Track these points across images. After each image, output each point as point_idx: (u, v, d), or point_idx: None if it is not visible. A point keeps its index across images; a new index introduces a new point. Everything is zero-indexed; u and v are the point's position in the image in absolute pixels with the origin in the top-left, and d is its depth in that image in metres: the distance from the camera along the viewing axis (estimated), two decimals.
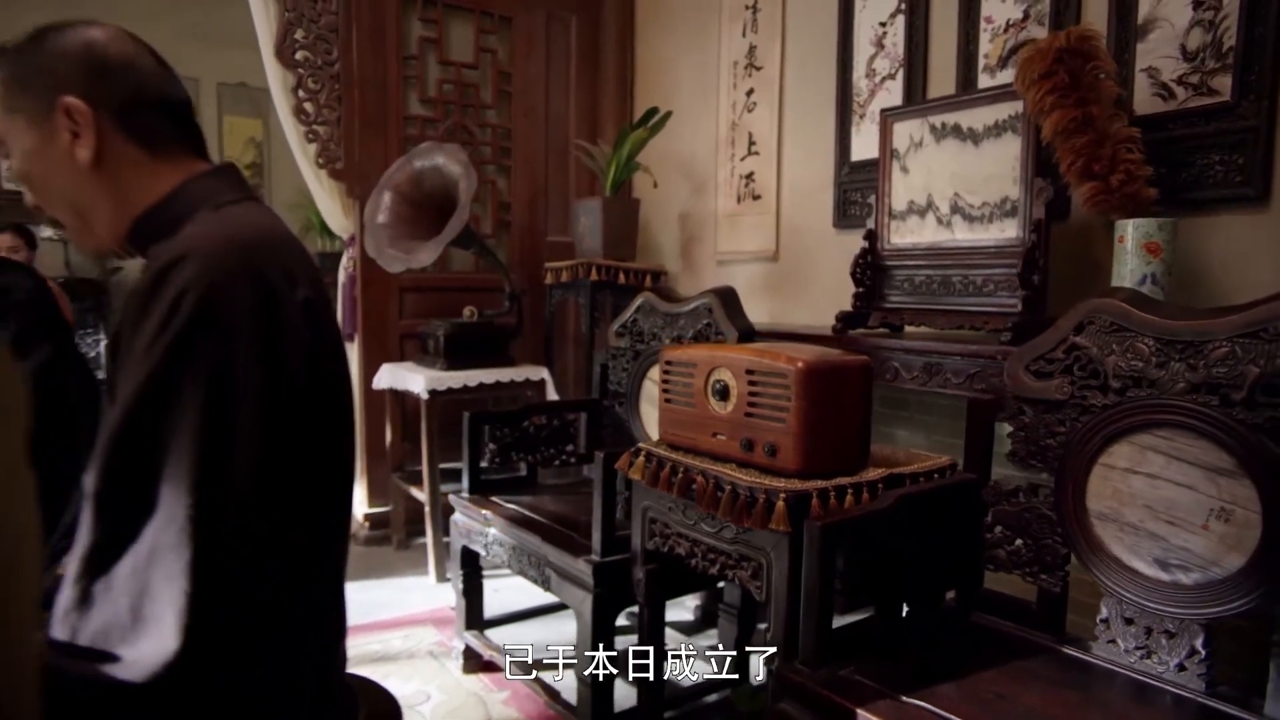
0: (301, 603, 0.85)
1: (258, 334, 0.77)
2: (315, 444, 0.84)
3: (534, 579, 1.84)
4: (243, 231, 0.83)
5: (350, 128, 3.05)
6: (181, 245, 0.78)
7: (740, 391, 1.40)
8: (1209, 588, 1.10)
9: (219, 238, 0.80)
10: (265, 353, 0.78)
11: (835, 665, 1.15)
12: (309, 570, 0.86)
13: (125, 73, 0.88)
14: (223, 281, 0.76)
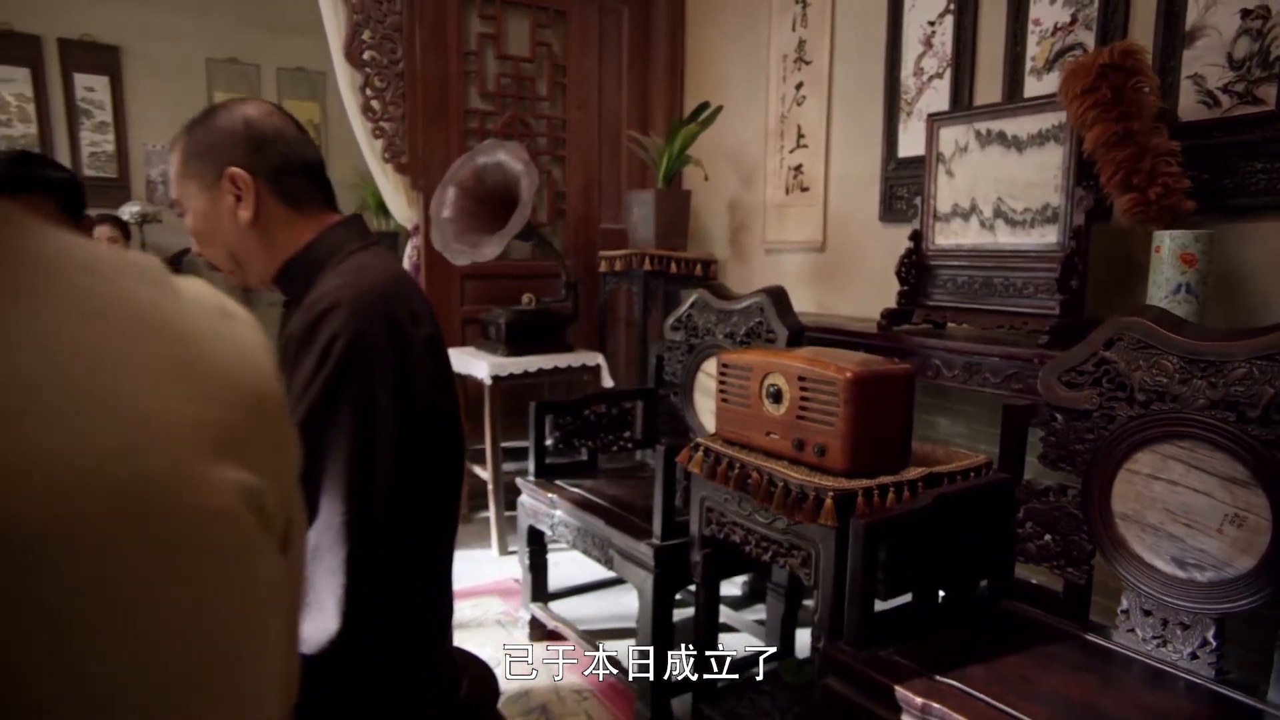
0: (424, 590, 1.02)
1: (393, 370, 0.93)
2: (435, 456, 1.01)
3: (597, 558, 2.01)
4: (377, 281, 0.99)
5: (414, 123, 3.20)
6: (331, 296, 0.94)
7: (792, 395, 1.53)
8: (1221, 586, 1.21)
9: (359, 289, 0.96)
10: (398, 385, 0.94)
11: (876, 646, 1.29)
12: (429, 563, 1.03)
13: (276, 144, 1.04)
14: (364, 328, 0.92)
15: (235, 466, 0.39)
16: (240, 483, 0.39)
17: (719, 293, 2.27)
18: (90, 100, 5.49)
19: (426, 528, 0.99)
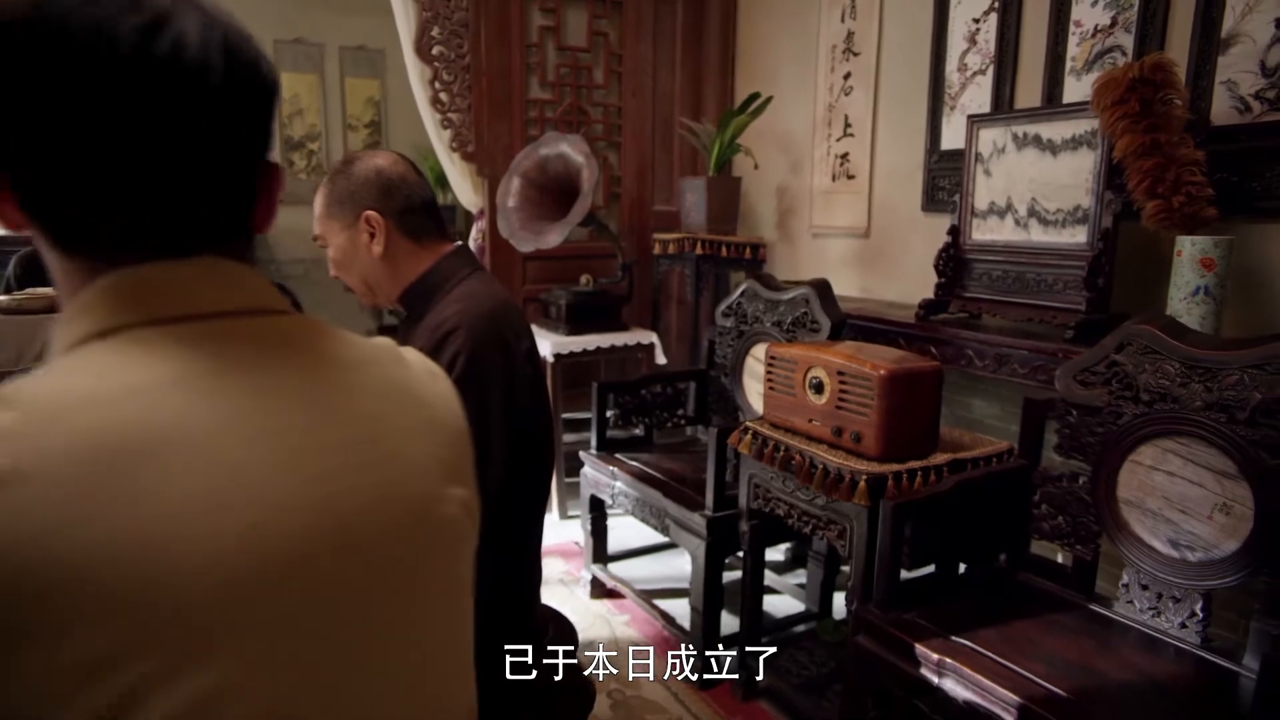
0: (525, 559, 1.25)
1: (502, 380, 1.15)
2: (533, 447, 1.23)
3: (654, 525, 2.24)
4: (487, 307, 1.20)
5: (479, 113, 3.40)
6: (452, 320, 1.16)
7: (833, 388, 1.71)
8: (1209, 565, 1.38)
9: (474, 314, 1.18)
10: (506, 392, 1.15)
11: (901, 610, 1.49)
12: (529, 537, 1.26)
13: (401, 188, 1.25)
14: (480, 348, 1.14)
15: (456, 485, 0.61)
16: (459, 496, 0.61)
17: (767, 283, 2.44)
18: None
19: (528, 508, 1.21)
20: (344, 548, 0.50)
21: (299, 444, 0.50)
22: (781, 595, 2.57)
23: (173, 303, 0.51)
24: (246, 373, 0.50)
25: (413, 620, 0.56)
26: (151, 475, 0.43)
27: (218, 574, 0.43)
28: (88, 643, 0.40)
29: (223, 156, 0.53)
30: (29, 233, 0.53)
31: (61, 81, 0.47)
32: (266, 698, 0.45)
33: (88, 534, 0.40)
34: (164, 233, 0.52)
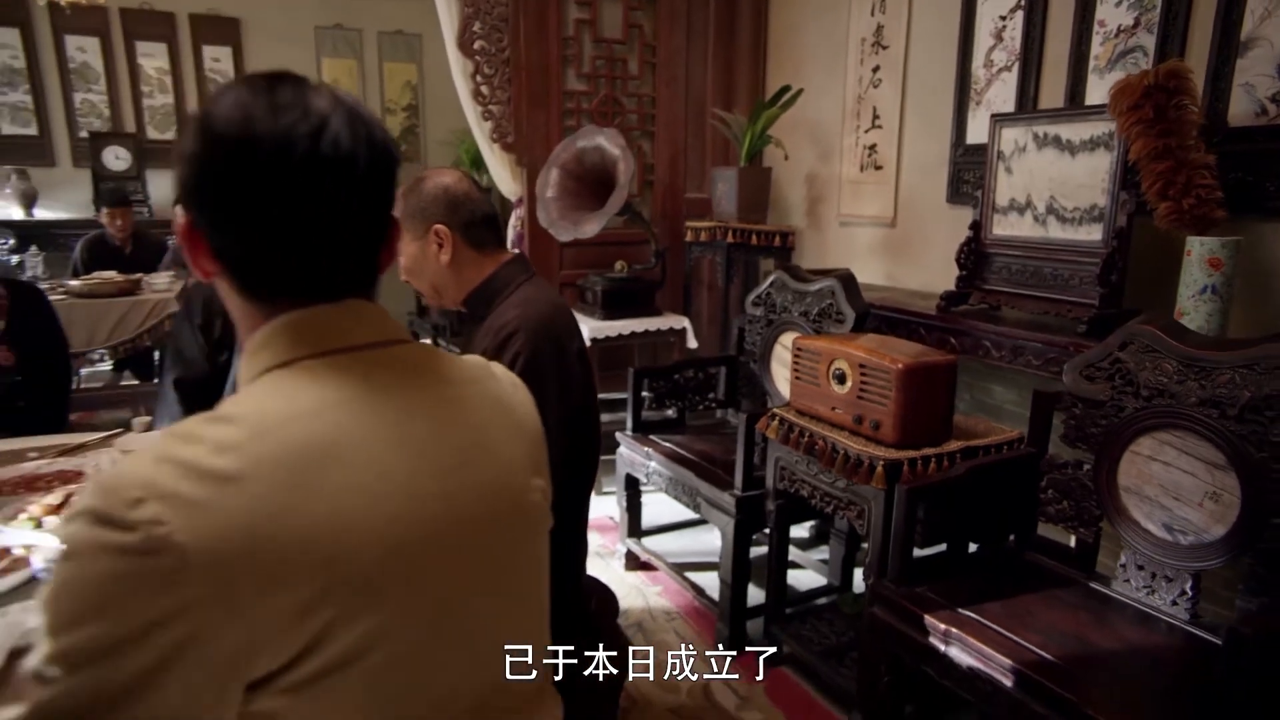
0: (575, 536, 1.41)
1: (557, 378, 1.30)
2: (584, 436, 1.38)
3: (686, 503, 2.39)
4: (543, 311, 1.36)
5: (518, 105, 3.53)
6: (513, 323, 1.31)
7: (854, 379, 1.85)
8: (1199, 548, 1.50)
9: (532, 318, 1.33)
10: (561, 388, 1.30)
11: (913, 584, 1.63)
12: (578, 516, 1.42)
13: (465, 204, 1.40)
14: (537, 349, 1.29)
15: (537, 477, 0.76)
16: (540, 486, 0.76)
17: (795, 275, 2.56)
18: (216, 70, 5.99)
19: (578, 491, 1.37)
20: (461, 528, 0.65)
21: (427, 448, 0.65)
22: (805, 570, 2.72)
23: (331, 338, 0.66)
24: (387, 393, 0.66)
25: (509, 583, 0.72)
26: (330, 474, 0.58)
27: (377, 547, 0.59)
28: (297, 593, 0.55)
29: (365, 223, 0.68)
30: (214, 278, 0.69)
31: (256, 175, 0.62)
32: (409, 636, 0.61)
33: (293, 518, 0.56)
34: (321, 283, 0.67)
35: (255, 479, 0.56)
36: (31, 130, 5.48)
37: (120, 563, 0.51)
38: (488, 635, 0.69)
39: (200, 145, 0.63)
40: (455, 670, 0.66)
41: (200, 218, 0.66)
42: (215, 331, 1.93)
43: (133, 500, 0.52)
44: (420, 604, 0.62)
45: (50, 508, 1.22)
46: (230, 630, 0.53)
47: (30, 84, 5.40)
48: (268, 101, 0.63)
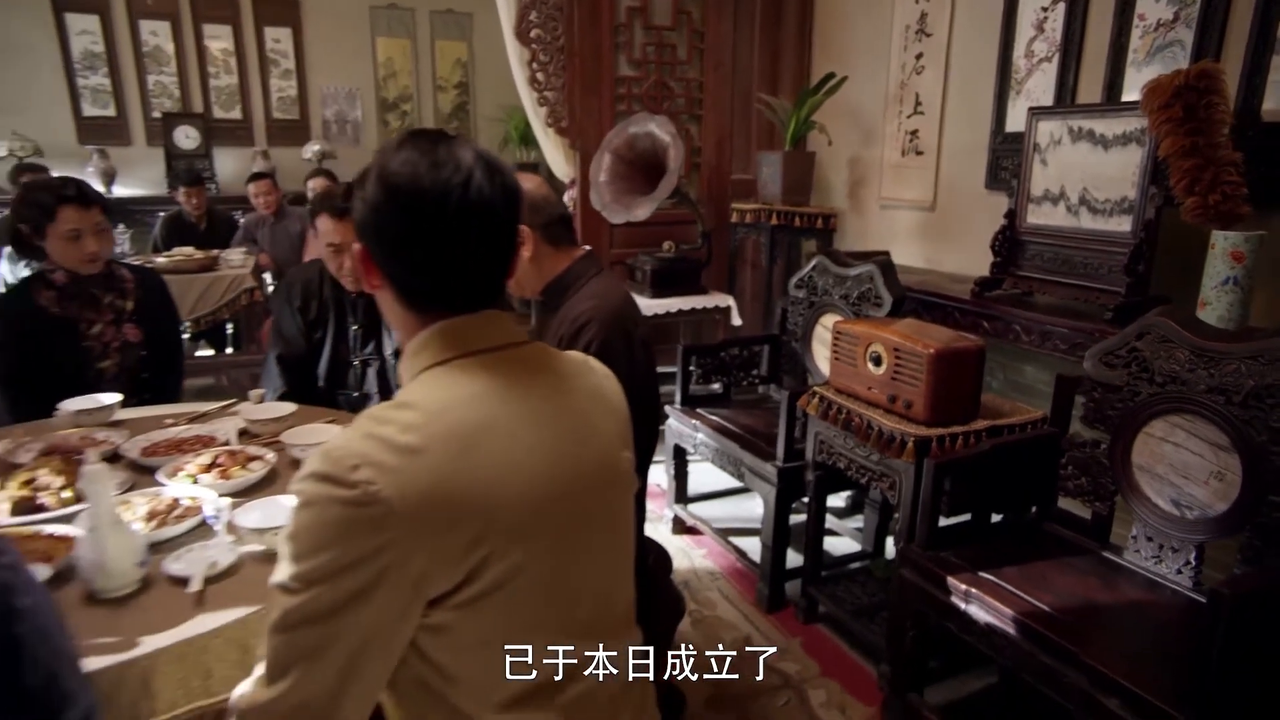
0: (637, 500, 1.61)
1: (626, 364, 1.49)
2: (647, 417, 1.57)
3: (731, 472, 2.58)
4: (614, 303, 1.55)
5: (572, 91, 3.69)
6: (586, 314, 1.50)
7: (889, 362, 2.01)
8: (1204, 522, 1.64)
9: (604, 310, 1.52)
10: (628, 375, 1.48)
11: (939, 550, 1.81)
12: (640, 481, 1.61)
13: (544, 207, 1.59)
14: (609, 338, 1.48)
15: (626, 449, 0.95)
16: (628, 457, 0.95)
17: (837, 259, 2.71)
18: (277, 50, 6.24)
19: (640, 463, 1.56)
20: (576, 487, 0.85)
21: (550, 427, 0.85)
22: (841, 537, 2.90)
23: (475, 342, 0.85)
24: (519, 384, 0.85)
25: (610, 531, 0.91)
26: (484, 446, 0.78)
27: (519, 501, 0.79)
28: (464, 535, 0.75)
29: (498, 251, 0.87)
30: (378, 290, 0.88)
31: (421, 218, 0.81)
32: (541, 568, 0.81)
33: (460, 479, 0.75)
34: (466, 298, 0.86)
35: (432, 451, 0.75)
36: (110, 112, 5.78)
37: (344, 511, 0.72)
38: (596, 570, 0.89)
39: (379, 194, 0.82)
40: (573, 595, 0.86)
41: (375, 248, 0.85)
42: (311, 313, 2.16)
43: (351, 466, 0.72)
44: (549, 544, 0.82)
45: (203, 467, 1.45)
46: (417, 561, 0.73)
47: (109, 67, 5.69)
48: (430, 160, 0.82)
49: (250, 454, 1.54)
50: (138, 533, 1.16)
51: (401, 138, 0.86)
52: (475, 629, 0.78)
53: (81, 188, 1.98)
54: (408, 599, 0.75)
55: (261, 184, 4.73)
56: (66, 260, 1.99)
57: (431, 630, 0.77)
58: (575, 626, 0.86)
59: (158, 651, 1.00)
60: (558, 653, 0.84)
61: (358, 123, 6.68)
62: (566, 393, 0.90)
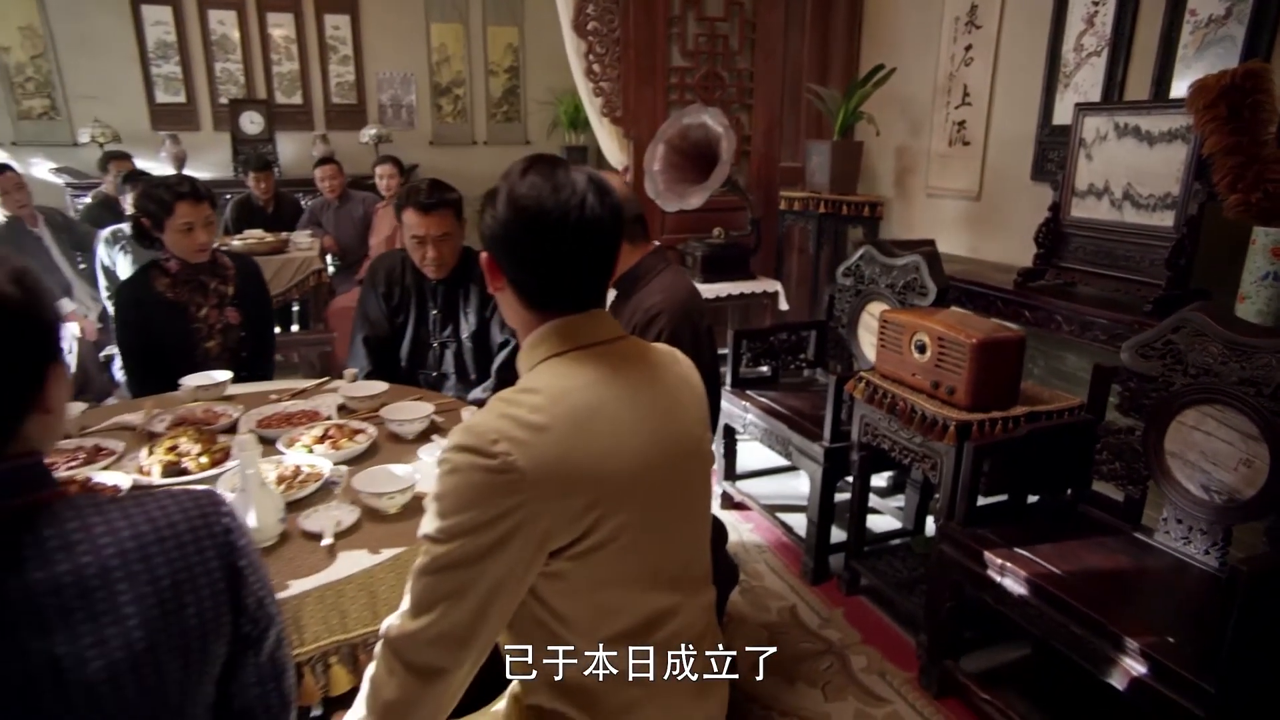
0: None
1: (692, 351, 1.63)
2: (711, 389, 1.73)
3: (779, 451, 2.72)
4: (681, 296, 1.70)
5: (627, 82, 3.82)
6: (657, 305, 1.66)
7: (933, 349, 2.12)
8: (1232, 507, 1.75)
9: (673, 301, 1.67)
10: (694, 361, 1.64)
11: (977, 527, 1.93)
12: None
13: (624, 206, 1.73)
14: (677, 328, 1.64)
15: (705, 430, 1.11)
16: (708, 436, 1.11)
17: (883, 249, 2.81)
18: (336, 37, 6.44)
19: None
20: (670, 461, 1.00)
21: (647, 409, 1.00)
22: (884, 515, 3.03)
23: (584, 337, 1.01)
24: (620, 372, 1.00)
25: (695, 500, 1.07)
26: (597, 426, 0.93)
27: (625, 471, 0.94)
28: (581, 499, 0.91)
29: (606, 259, 1.02)
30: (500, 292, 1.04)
31: (544, 234, 0.96)
32: (641, 528, 0.96)
33: (579, 453, 0.91)
34: (577, 299, 1.01)
35: (555, 429, 0.91)
36: (181, 98, 6.05)
37: (487, 477, 0.88)
38: (684, 532, 1.05)
39: (508, 213, 0.97)
40: (664, 552, 1.01)
41: (502, 258, 1.00)
42: (394, 299, 2.34)
43: (492, 440, 0.88)
44: (646, 508, 0.97)
45: (316, 438, 1.64)
46: (543, 520, 0.89)
47: (180, 56, 5.95)
48: (552, 184, 0.96)
49: (354, 428, 1.73)
50: (276, 493, 1.35)
51: (526, 164, 1.01)
52: (586, 577, 0.94)
53: (195, 185, 2.18)
54: (534, 550, 0.91)
55: (327, 168, 4.95)
56: (180, 250, 2.19)
57: (550, 577, 0.94)
58: (665, 579, 1.02)
59: (303, 594, 1.18)
60: (651, 600, 1.00)
61: (412, 106, 6.87)
62: (659, 380, 1.05)
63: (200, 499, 0.80)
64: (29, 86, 5.61)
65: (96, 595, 0.68)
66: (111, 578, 0.69)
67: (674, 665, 1.03)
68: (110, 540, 0.71)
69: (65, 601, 0.67)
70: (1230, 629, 1.36)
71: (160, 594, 0.72)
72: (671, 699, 1.04)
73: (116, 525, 0.72)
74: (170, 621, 0.73)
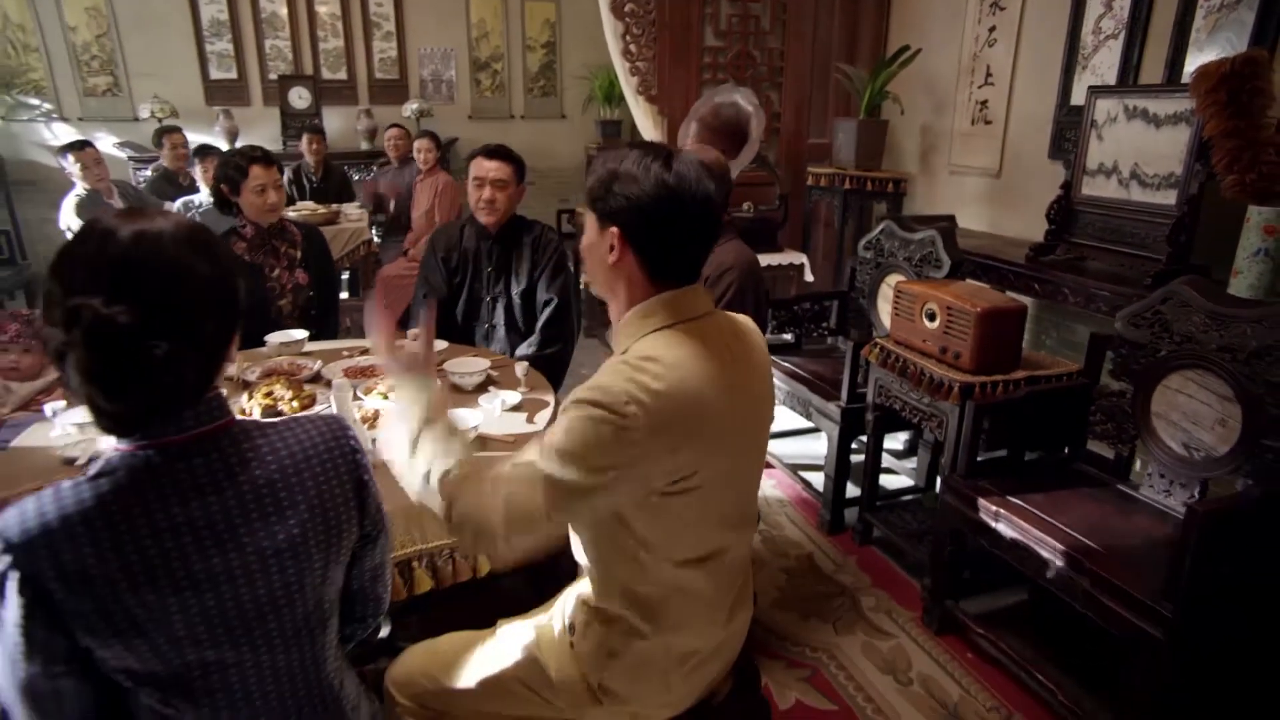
0: None
1: (754, 303, 1.88)
2: None
3: (800, 412, 2.93)
4: (746, 257, 1.99)
5: (661, 62, 3.98)
6: (729, 262, 1.94)
7: (942, 318, 2.31)
8: (1208, 462, 1.92)
9: (742, 262, 1.96)
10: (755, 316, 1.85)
11: (978, 479, 2.13)
12: None
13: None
14: (744, 285, 1.93)
15: (772, 391, 1.33)
16: (773, 397, 1.33)
17: (902, 225, 2.98)
18: (379, 14, 6.64)
19: None
20: (749, 424, 1.21)
21: (738, 377, 1.18)
22: (899, 475, 3.23)
23: (688, 311, 1.19)
24: (718, 344, 1.18)
25: (759, 457, 1.28)
26: (702, 394, 1.11)
27: (718, 432, 1.13)
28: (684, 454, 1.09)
29: (714, 235, 1.21)
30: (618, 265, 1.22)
31: (679, 212, 1.13)
32: (723, 478, 1.16)
33: (685, 412, 1.08)
34: (686, 273, 1.19)
35: (671, 395, 1.09)
36: (233, 75, 6.31)
37: (615, 432, 1.05)
38: (749, 483, 1.27)
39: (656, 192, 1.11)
40: (733, 499, 1.22)
41: (635, 233, 1.15)
42: (452, 262, 2.59)
43: (624, 401, 1.05)
44: (729, 462, 1.17)
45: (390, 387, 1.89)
46: (654, 470, 1.09)
47: (232, 34, 6.20)
48: (676, 171, 1.12)
49: None
50: (364, 429, 1.59)
51: (642, 151, 1.16)
52: (670, 512, 1.14)
53: (266, 152, 2.46)
54: (640, 491, 1.11)
55: (397, 131, 5.55)
56: (254, 211, 2.46)
57: (641, 508, 1.13)
58: (730, 522, 1.22)
59: (390, 511, 1.42)
60: (715, 537, 1.21)
61: (452, 82, 7.06)
62: (744, 350, 1.24)
63: (332, 424, 1.03)
64: (94, 65, 5.90)
65: (279, 494, 0.93)
66: (288, 483, 0.94)
67: (720, 588, 1.25)
68: (278, 456, 0.95)
69: (261, 496, 0.91)
70: (1187, 560, 1.55)
71: (310, 498, 0.96)
72: (714, 614, 1.26)
73: (278, 446, 0.96)
74: (316, 517, 0.96)
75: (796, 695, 2.07)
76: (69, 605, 0.81)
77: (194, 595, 0.86)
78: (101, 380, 0.82)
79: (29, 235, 5.83)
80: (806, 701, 2.05)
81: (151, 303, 0.82)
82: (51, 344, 0.82)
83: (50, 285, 0.83)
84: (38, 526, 0.80)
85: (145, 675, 0.87)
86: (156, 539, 0.84)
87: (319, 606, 0.99)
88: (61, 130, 5.90)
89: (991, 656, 2.15)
